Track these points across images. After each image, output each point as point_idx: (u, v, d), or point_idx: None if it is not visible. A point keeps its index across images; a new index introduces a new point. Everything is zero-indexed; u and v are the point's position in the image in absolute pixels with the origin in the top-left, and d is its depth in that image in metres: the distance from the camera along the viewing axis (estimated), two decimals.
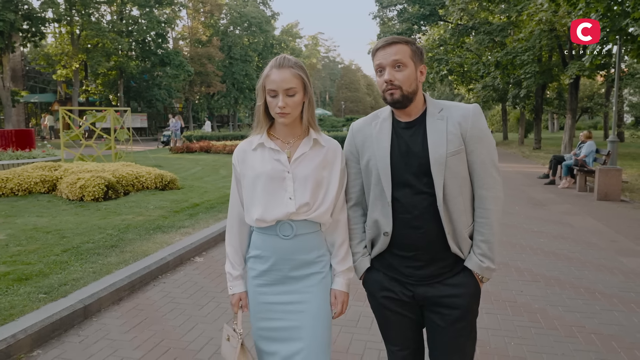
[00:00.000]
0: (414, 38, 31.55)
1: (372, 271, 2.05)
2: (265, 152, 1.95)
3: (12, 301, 3.90)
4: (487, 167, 1.92)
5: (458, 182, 1.88)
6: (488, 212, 1.90)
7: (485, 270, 1.91)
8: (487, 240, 1.90)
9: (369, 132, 2.00)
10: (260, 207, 1.91)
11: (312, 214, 1.92)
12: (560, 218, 8.16)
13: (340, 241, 2.03)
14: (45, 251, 5.30)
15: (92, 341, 3.60)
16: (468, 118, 1.90)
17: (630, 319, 4.07)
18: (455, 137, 1.88)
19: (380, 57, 1.90)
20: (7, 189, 8.44)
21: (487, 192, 1.91)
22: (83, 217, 7.01)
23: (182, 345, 3.55)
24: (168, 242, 5.83)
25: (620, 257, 5.87)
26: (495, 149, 1.96)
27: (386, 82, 1.88)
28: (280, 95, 1.86)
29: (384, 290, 2.01)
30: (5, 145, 13.27)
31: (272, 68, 1.89)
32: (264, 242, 1.94)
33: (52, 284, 4.29)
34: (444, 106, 1.95)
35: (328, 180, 1.97)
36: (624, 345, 3.57)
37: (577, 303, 4.40)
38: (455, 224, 1.89)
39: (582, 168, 11.41)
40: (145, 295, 4.55)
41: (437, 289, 1.92)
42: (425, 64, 1.99)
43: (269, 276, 1.94)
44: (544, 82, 23.09)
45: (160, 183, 9.42)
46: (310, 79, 1.95)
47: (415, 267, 1.93)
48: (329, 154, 1.97)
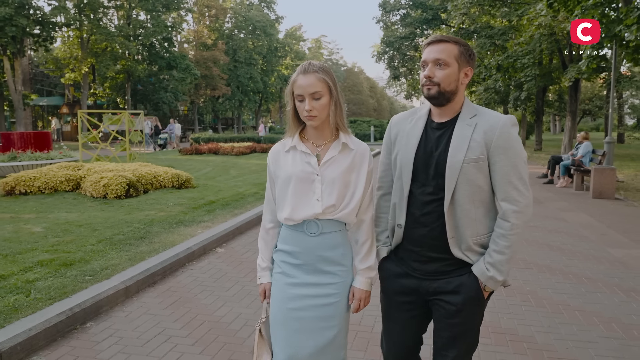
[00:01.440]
0: (417, 42, 32.07)
1: (387, 261, 2.14)
2: (297, 154, 2.05)
3: (63, 282, 4.41)
4: (511, 180, 1.89)
5: (472, 190, 1.90)
6: (507, 225, 1.89)
7: (489, 280, 1.91)
8: (500, 251, 1.89)
9: (404, 127, 2.07)
10: (290, 206, 2.02)
11: (338, 215, 2.02)
12: (555, 214, 8.64)
13: (363, 240, 2.11)
14: (81, 242, 5.82)
15: (135, 315, 4.12)
16: (495, 128, 1.89)
17: (611, 299, 4.56)
18: (477, 145, 1.88)
19: (426, 53, 1.93)
20: (35, 187, 8.99)
21: (508, 205, 1.89)
22: (109, 213, 7.53)
23: (215, 319, 4.05)
24: (191, 234, 6.34)
25: (608, 248, 6.35)
26: (525, 162, 1.93)
27: (425, 78, 1.92)
28: (306, 99, 1.95)
29: (393, 281, 2.10)
30: (24, 147, 13.81)
31: (299, 74, 1.98)
32: (292, 237, 2.07)
33: (94, 268, 4.81)
34: (478, 112, 1.95)
35: (355, 183, 2.05)
36: (603, 320, 4.06)
37: (564, 286, 4.89)
38: (461, 230, 1.92)
39: (578, 168, 11.88)
40: (176, 279, 5.06)
41: (440, 284, 1.98)
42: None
43: (295, 269, 2.06)
44: (545, 85, 23.56)
45: (177, 182, 9.95)
46: (336, 82, 2.03)
47: (421, 262, 2.00)
48: (357, 157, 2.05)
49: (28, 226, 6.62)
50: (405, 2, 30.04)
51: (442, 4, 26.54)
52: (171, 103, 40.00)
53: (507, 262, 1.89)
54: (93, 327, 3.89)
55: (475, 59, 1.98)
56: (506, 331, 3.84)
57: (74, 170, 9.49)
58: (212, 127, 53.20)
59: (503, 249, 1.88)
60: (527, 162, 1.94)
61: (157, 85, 38.70)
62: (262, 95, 54.60)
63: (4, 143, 14.00)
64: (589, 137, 12.83)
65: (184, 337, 3.71)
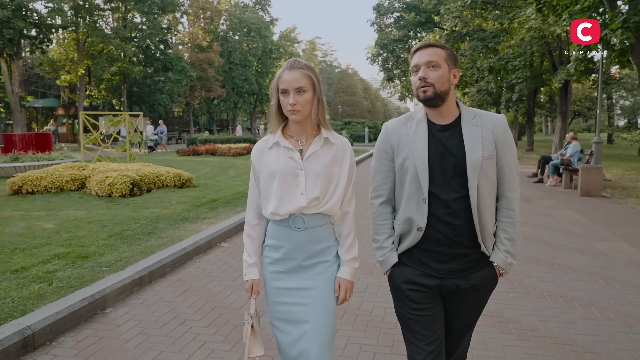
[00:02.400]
0: (410, 45, 32.50)
1: (400, 266, 2.14)
2: (280, 150, 2.11)
3: (81, 272, 4.71)
4: (513, 172, 2.09)
5: (488, 184, 2.03)
6: (513, 213, 2.09)
7: (509, 266, 2.09)
8: (511, 238, 2.08)
9: (405, 133, 2.10)
10: (275, 201, 2.08)
11: (322, 208, 2.09)
12: (544, 211, 9.01)
13: (347, 232, 2.18)
14: (93, 237, 6.11)
15: (151, 302, 4.43)
16: (500, 127, 2.06)
17: (591, 286, 4.91)
18: (489, 143, 2.03)
19: (417, 58, 2.04)
20: (42, 186, 9.27)
21: (513, 194, 2.09)
22: (115, 211, 7.82)
23: (225, 305, 4.37)
24: (196, 230, 6.65)
25: (593, 242, 6.72)
26: (516, 155, 2.15)
27: (420, 80, 2.01)
28: (291, 93, 2.01)
29: (412, 284, 2.09)
30: (25, 148, 14.05)
31: (285, 69, 2.05)
32: (279, 233, 2.13)
33: (109, 260, 5.11)
34: (476, 114, 2.09)
35: (338, 176, 2.12)
36: (582, 304, 4.41)
37: (549, 275, 5.25)
38: (484, 222, 2.04)
39: (567, 167, 12.28)
40: (186, 270, 5.37)
41: (462, 281, 2.07)
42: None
43: (283, 264, 2.13)
44: (536, 87, 24.03)
45: (179, 181, 10.25)
46: (320, 80, 2.10)
47: (442, 262, 2.05)
48: (339, 152, 2.13)
49: (40, 223, 6.90)
50: (399, 5, 30.50)
51: (435, 7, 26.98)
52: (167, 105, 40.19)
53: (517, 246, 2.11)
54: (112, 312, 4.20)
55: (458, 62, 2.13)
56: (494, 314, 4.18)
57: (79, 170, 9.77)
58: (207, 128, 53.42)
59: (513, 235, 2.08)
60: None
61: (153, 87, 38.90)
62: (256, 96, 54.88)
63: (5, 144, 14.24)
64: (577, 138, 13.25)
65: (197, 321, 4.02)
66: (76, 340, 3.65)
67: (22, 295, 4.09)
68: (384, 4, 31.24)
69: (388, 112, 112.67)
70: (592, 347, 3.57)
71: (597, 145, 12.97)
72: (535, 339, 3.69)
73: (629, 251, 6.25)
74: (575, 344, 3.61)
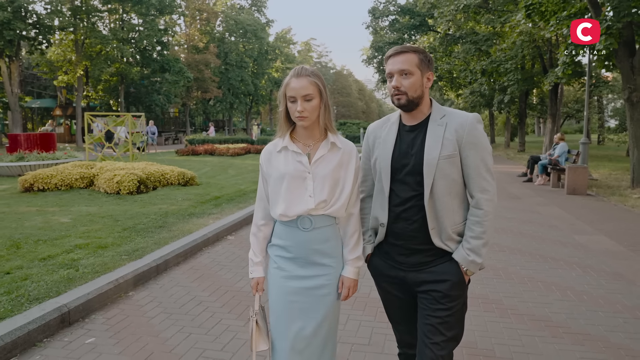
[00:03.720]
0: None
1: (374, 257, 2.30)
2: (289, 154, 2.18)
3: (103, 260, 5.14)
4: (481, 172, 2.08)
5: (448, 183, 2.06)
6: (481, 212, 2.08)
7: (471, 264, 2.08)
8: (477, 236, 2.07)
9: (380, 134, 2.24)
10: (284, 203, 2.15)
11: (329, 210, 2.16)
12: (531, 208, 9.50)
13: (351, 232, 2.27)
14: (108, 230, 6.54)
15: (169, 287, 4.86)
16: (465, 126, 2.07)
17: (569, 273, 5.39)
18: (450, 143, 2.05)
19: (390, 65, 2.10)
20: (52, 184, 9.68)
21: (480, 195, 2.08)
22: (125, 207, 8.24)
23: (236, 289, 4.81)
24: (204, 224, 7.08)
25: (574, 235, 7.20)
26: (491, 155, 2.13)
27: (394, 88, 2.08)
28: (298, 100, 2.08)
29: (383, 275, 2.26)
30: (30, 148, 14.43)
31: (292, 77, 2.11)
32: (286, 233, 2.20)
33: (127, 250, 5.55)
34: (446, 113, 2.13)
35: (344, 179, 2.19)
36: (560, 288, 4.89)
37: (531, 264, 5.72)
38: (441, 220, 2.08)
39: (555, 167, 12.80)
40: (197, 260, 5.81)
41: (424, 275, 2.13)
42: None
43: (289, 262, 2.20)
44: (527, 89, 24.59)
45: (182, 179, 10.68)
46: (326, 86, 2.17)
47: (405, 255, 2.15)
48: (345, 155, 2.20)
49: (55, 217, 7.32)
50: (394, 8, 31.06)
51: (429, 10, 27.53)
52: (163, 105, 40.58)
53: (484, 246, 2.08)
54: (135, 295, 4.63)
55: (433, 63, 2.16)
56: (479, 297, 4.65)
57: (88, 168, 10.19)
58: (203, 129, 53.80)
59: (479, 235, 2.07)
60: (492, 154, 2.15)
61: (150, 88, 39.28)
62: (252, 97, 55.32)
63: (10, 144, 14.62)
64: (565, 139, 13.78)
65: (213, 302, 4.47)
66: (106, 317, 4.09)
67: (53, 279, 4.51)
68: (379, 7, 31.82)
69: (383, 113, 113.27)
70: (565, 322, 4.04)
71: (584, 146, 13.47)
72: (515, 317, 4.16)
73: (607, 243, 6.74)
74: (549, 320, 4.08)
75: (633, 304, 4.46)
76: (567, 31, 12.51)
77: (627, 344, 3.64)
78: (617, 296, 4.66)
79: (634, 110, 11.73)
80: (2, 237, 6.11)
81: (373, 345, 3.62)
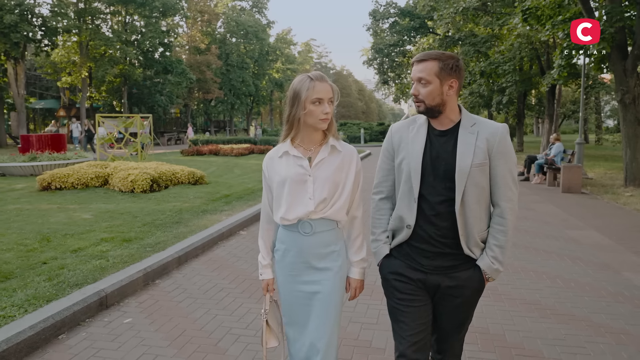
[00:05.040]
0: (405, 50, 33.53)
1: (390, 258, 2.27)
2: (290, 159, 2.23)
3: (130, 252, 5.58)
4: (508, 182, 2.11)
5: (477, 191, 2.08)
6: (505, 221, 2.12)
7: (494, 272, 2.13)
8: (501, 245, 2.11)
9: (406, 135, 2.21)
10: (285, 206, 2.21)
11: (329, 211, 2.20)
12: (527, 205, 9.94)
13: (355, 234, 2.34)
14: (128, 225, 6.97)
15: (191, 276, 5.30)
16: (496, 136, 2.08)
17: (559, 264, 5.83)
18: (481, 151, 2.06)
19: (413, 72, 2.14)
20: (69, 183, 10.12)
21: (506, 204, 2.12)
22: (140, 204, 8.68)
23: (253, 278, 5.24)
24: (217, 220, 7.52)
25: (566, 230, 7.65)
26: (516, 165, 2.17)
27: (413, 95, 2.14)
28: (325, 102, 2.14)
29: (398, 275, 2.22)
30: (42, 148, 14.86)
31: (315, 80, 2.14)
32: (287, 237, 2.27)
33: (150, 243, 5.98)
34: (476, 121, 2.13)
35: (344, 182, 2.23)
36: (550, 277, 5.32)
37: (524, 255, 6.16)
38: (470, 228, 2.10)
39: (551, 166, 13.25)
40: (214, 252, 6.25)
41: (447, 279, 2.15)
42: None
43: (291, 266, 2.27)
44: (525, 90, 25.07)
45: (192, 179, 11.12)
46: None
47: (428, 257, 2.15)
48: (345, 159, 2.24)
49: (77, 214, 7.75)
50: (394, 11, 31.57)
51: (428, 13, 28.00)
52: (166, 106, 41.08)
53: (506, 254, 2.14)
54: (161, 283, 5.07)
55: (461, 68, 2.11)
56: None
57: (102, 168, 10.64)
58: (204, 129, 54.27)
59: (503, 243, 2.11)
60: (517, 165, 2.22)
61: (152, 89, 39.77)
62: (253, 98, 55.81)
63: (23, 144, 15.05)
64: (561, 139, 14.23)
65: (233, 288, 4.90)
66: (138, 302, 4.53)
67: (87, 268, 4.95)
68: (379, 9, 32.33)
69: (382, 114, 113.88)
70: (553, 305, 4.48)
71: (579, 146, 13.92)
72: (508, 301, 4.60)
73: (597, 237, 7.18)
74: (539, 304, 4.52)
75: (616, 290, 4.90)
76: (562, 34, 12.98)
77: (607, 323, 4.08)
78: (602, 283, 5.10)
79: (627, 111, 12.18)
80: (31, 231, 6.54)
81: (381, 324, 4.06)
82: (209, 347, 3.61)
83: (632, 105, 12.06)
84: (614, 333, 3.88)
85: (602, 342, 3.72)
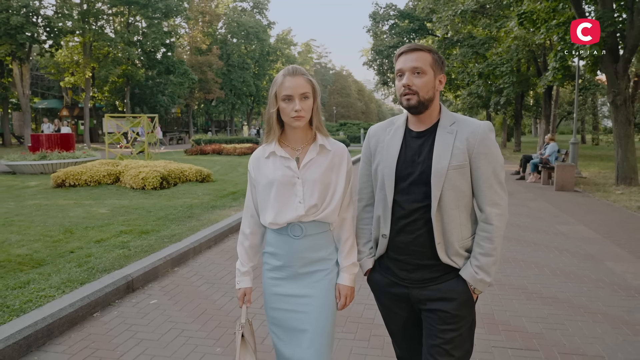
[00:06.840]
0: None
1: (374, 272, 2.15)
2: (277, 160, 2.09)
3: (149, 243, 6.02)
4: (492, 184, 1.93)
5: (456, 195, 1.91)
6: (490, 227, 1.92)
7: (479, 282, 1.92)
8: (487, 253, 1.91)
9: (383, 138, 2.07)
10: (273, 211, 2.07)
11: (320, 215, 2.06)
12: (521, 202, 10.39)
13: (345, 237, 2.16)
14: (144, 219, 7.41)
15: (206, 264, 5.74)
16: (477, 135, 1.92)
17: (548, 255, 6.27)
18: (460, 152, 1.90)
19: (401, 62, 1.94)
20: (82, 180, 10.57)
21: (490, 209, 1.93)
22: (152, 200, 9.11)
23: None
24: (226, 215, 7.95)
25: (557, 225, 8.09)
26: (503, 166, 1.99)
27: (404, 87, 1.91)
28: (296, 99, 1.98)
29: (384, 292, 2.12)
30: (51, 147, 15.30)
31: (286, 76, 2.01)
32: (277, 240, 2.11)
33: (166, 235, 6.42)
34: (456, 120, 1.97)
35: (335, 183, 2.09)
36: (538, 266, 5.77)
37: (516, 247, 6.60)
38: (448, 234, 1.93)
39: (545, 165, 13.70)
40: (225, 244, 6.69)
41: (429, 292, 1.98)
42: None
43: (282, 271, 2.12)
44: (522, 91, 25.55)
45: (200, 176, 11.57)
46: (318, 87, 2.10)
47: (408, 270, 2.00)
48: (335, 158, 2.10)
49: (94, 209, 8.19)
50: (394, 13, 32.08)
51: (428, 15, 28.48)
52: (168, 106, 41.56)
53: (494, 264, 1.93)
54: (179, 270, 5.51)
55: (445, 66, 2.02)
56: None
57: (114, 166, 11.09)
58: (205, 129, 54.76)
59: (489, 251, 1.91)
60: (504, 165, 2.01)
61: (155, 89, 40.25)
62: (254, 98, 56.32)
63: (32, 144, 15.49)
64: (555, 139, 14.70)
65: None
66: (161, 286, 4.97)
67: (112, 256, 5.39)
68: (379, 12, 32.84)
69: (382, 114, 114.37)
70: (538, 290, 4.92)
71: (573, 146, 14.38)
72: (498, 286, 5.04)
73: (585, 231, 7.63)
74: (526, 289, 4.96)
75: (597, 277, 5.35)
76: (557, 38, 13.44)
77: (586, 304, 4.52)
78: (585, 272, 5.55)
79: (618, 112, 12.63)
80: (54, 224, 6.98)
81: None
82: (229, 323, 4.05)
83: (623, 106, 12.52)
84: (592, 313, 4.32)
85: (580, 320, 4.17)
